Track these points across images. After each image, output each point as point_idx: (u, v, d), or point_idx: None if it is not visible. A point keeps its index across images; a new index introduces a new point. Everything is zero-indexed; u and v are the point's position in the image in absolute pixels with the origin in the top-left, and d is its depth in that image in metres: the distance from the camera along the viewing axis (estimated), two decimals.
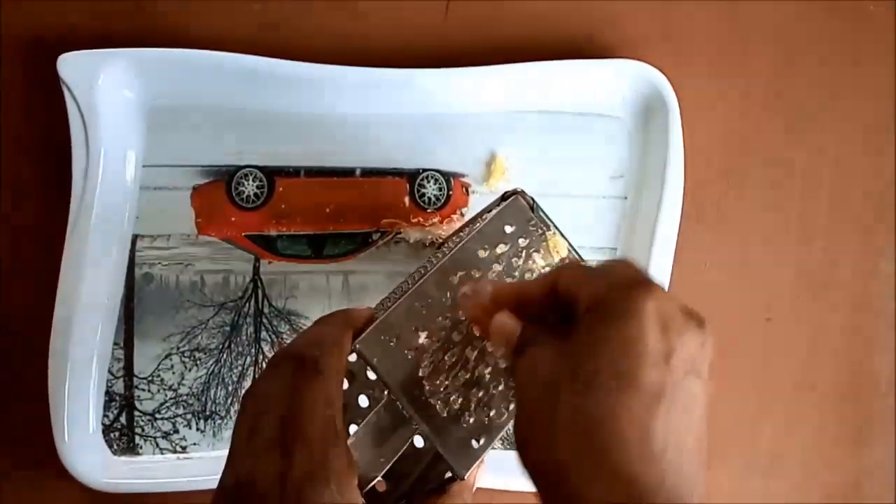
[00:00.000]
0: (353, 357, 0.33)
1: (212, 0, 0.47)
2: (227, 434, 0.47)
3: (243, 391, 0.47)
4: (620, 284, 0.27)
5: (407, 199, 0.48)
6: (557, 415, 0.26)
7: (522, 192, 0.36)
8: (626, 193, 0.50)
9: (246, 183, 0.47)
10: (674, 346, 0.26)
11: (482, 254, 0.34)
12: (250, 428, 0.29)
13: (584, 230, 0.49)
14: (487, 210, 0.38)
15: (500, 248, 0.35)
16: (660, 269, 0.47)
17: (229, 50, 0.44)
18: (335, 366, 0.30)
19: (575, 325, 0.27)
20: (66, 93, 0.43)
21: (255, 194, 0.47)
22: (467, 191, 0.48)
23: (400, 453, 0.33)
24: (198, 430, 0.47)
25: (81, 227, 0.43)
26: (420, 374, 0.32)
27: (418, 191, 0.48)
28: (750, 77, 0.52)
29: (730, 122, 0.52)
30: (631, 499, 0.24)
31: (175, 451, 0.47)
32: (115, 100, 0.44)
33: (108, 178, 0.44)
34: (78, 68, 0.43)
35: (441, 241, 0.47)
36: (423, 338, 0.33)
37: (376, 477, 0.33)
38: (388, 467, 0.33)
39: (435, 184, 0.48)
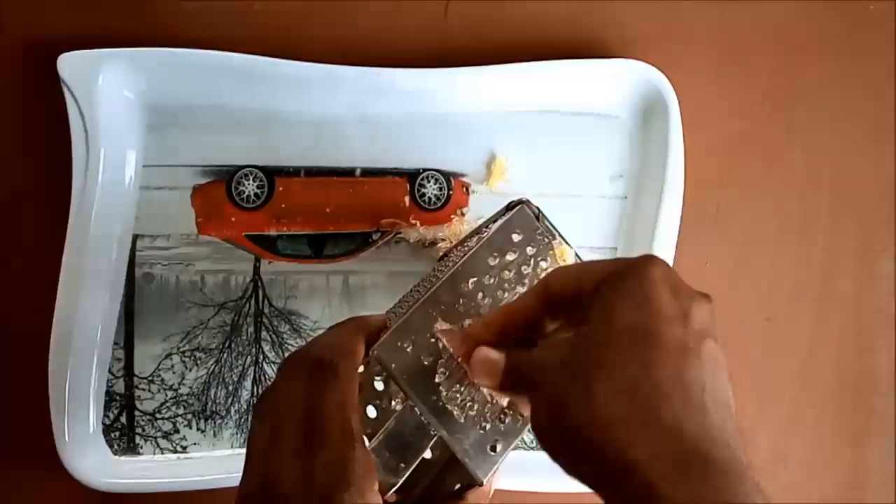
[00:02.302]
0: (360, 368, 0.33)
1: (212, 0, 0.47)
2: (228, 434, 0.47)
3: (244, 391, 0.47)
4: (623, 261, 0.28)
5: (407, 199, 0.48)
6: (591, 383, 0.26)
7: (528, 201, 0.36)
8: (626, 193, 0.50)
9: (246, 183, 0.47)
10: (687, 308, 0.27)
11: (492, 261, 0.35)
12: (270, 432, 0.29)
13: (584, 230, 0.49)
14: (493, 220, 0.38)
15: (510, 256, 0.35)
16: None
17: (229, 50, 0.44)
18: (350, 369, 0.30)
19: (584, 310, 0.28)
20: (66, 93, 0.43)
21: (256, 194, 0.47)
22: (467, 190, 0.49)
23: (420, 458, 0.34)
24: (198, 429, 0.47)
25: (81, 227, 0.43)
26: (436, 379, 0.33)
27: (418, 191, 0.48)
28: (750, 77, 0.52)
29: (730, 122, 0.52)
30: (678, 445, 0.24)
31: (175, 451, 0.47)
32: (115, 100, 0.44)
33: (108, 177, 0.44)
34: (78, 68, 0.43)
35: (443, 253, 0.47)
36: (439, 343, 0.33)
37: (398, 482, 0.33)
38: (409, 472, 0.33)
39: (435, 184, 0.48)
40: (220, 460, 0.46)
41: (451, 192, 0.48)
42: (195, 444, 0.47)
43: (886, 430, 0.54)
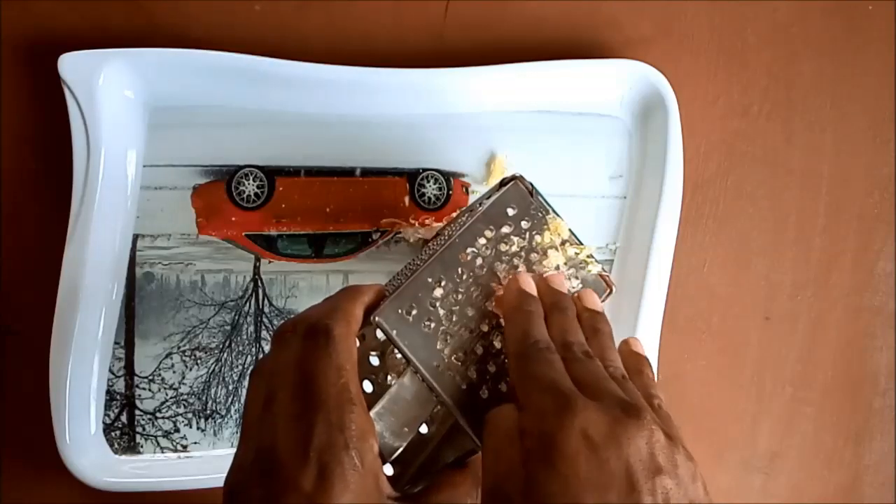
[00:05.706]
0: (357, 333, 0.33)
1: (212, 0, 0.47)
2: (228, 433, 0.47)
3: (244, 390, 0.47)
4: (546, 416, 0.27)
5: (407, 199, 0.48)
6: None
7: (521, 177, 0.37)
8: (625, 193, 0.50)
9: (246, 183, 0.47)
10: (615, 465, 0.26)
11: (489, 233, 0.35)
12: (265, 399, 0.29)
13: (584, 230, 0.48)
14: (486, 196, 0.39)
15: (505, 229, 0.36)
16: (659, 268, 0.48)
17: (229, 50, 0.44)
18: (346, 332, 0.30)
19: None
20: (67, 93, 0.43)
21: (256, 194, 0.47)
22: (467, 191, 0.49)
23: (422, 424, 0.34)
24: (198, 429, 0.47)
25: (82, 227, 0.44)
26: (437, 346, 0.33)
27: (418, 190, 0.48)
28: (750, 77, 0.52)
29: (730, 122, 0.52)
30: None
31: (176, 450, 0.47)
32: (116, 100, 0.44)
33: (108, 177, 0.44)
34: (78, 68, 0.43)
35: (435, 233, 0.47)
36: (439, 311, 0.33)
37: (401, 446, 0.33)
38: (412, 437, 0.33)
39: (435, 184, 0.48)
40: (221, 459, 0.47)
41: (450, 192, 0.48)
42: (196, 443, 0.47)
43: (886, 430, 0.54)
